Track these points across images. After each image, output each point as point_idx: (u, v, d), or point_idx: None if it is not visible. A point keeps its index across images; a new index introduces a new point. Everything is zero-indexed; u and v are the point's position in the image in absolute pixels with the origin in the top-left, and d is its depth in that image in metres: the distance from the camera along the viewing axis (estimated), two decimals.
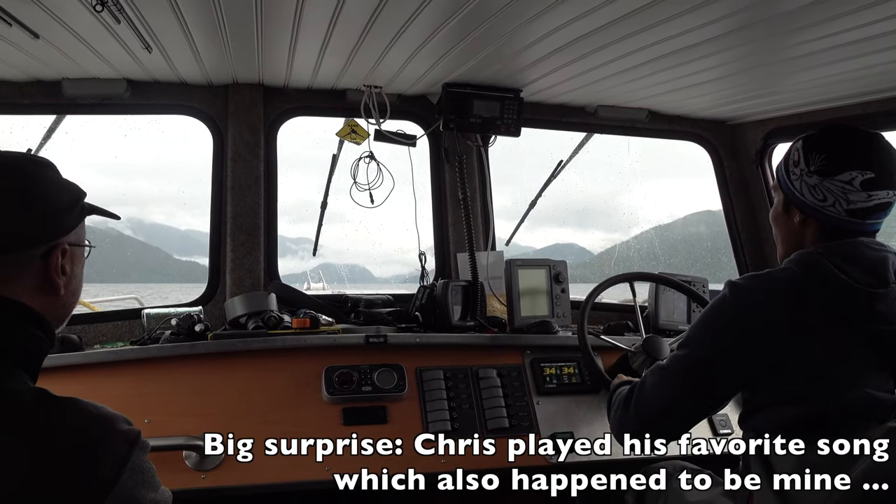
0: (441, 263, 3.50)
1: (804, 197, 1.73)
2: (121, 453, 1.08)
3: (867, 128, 1.73)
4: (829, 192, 1.67)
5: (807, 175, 1.71)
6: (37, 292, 1.21)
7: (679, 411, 1.84)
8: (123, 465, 1.07)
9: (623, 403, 1.97)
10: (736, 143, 3.60)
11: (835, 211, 1.68)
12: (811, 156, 1.70)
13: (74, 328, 2.92)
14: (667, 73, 2.75)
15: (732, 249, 3.70)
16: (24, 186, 1.21)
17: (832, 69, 2.55)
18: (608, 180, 20.16)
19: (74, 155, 16.07)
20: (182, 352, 2.47)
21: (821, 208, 1.70)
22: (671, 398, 1.82)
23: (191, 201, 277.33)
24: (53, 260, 1.23)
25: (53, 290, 1.24)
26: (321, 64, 2.80)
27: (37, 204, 1.21)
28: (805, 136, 1.76)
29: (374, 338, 2.61)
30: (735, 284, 1.74)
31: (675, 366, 1.81)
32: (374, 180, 3.18)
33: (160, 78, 2.98)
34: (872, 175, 1.62)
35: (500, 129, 3.19)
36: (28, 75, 2.82)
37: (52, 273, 1.23)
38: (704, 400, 1.81)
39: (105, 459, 1.06)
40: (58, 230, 1.25)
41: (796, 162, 1.75)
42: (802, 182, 1.72)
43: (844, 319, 1.63)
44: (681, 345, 1.83)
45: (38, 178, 1.23)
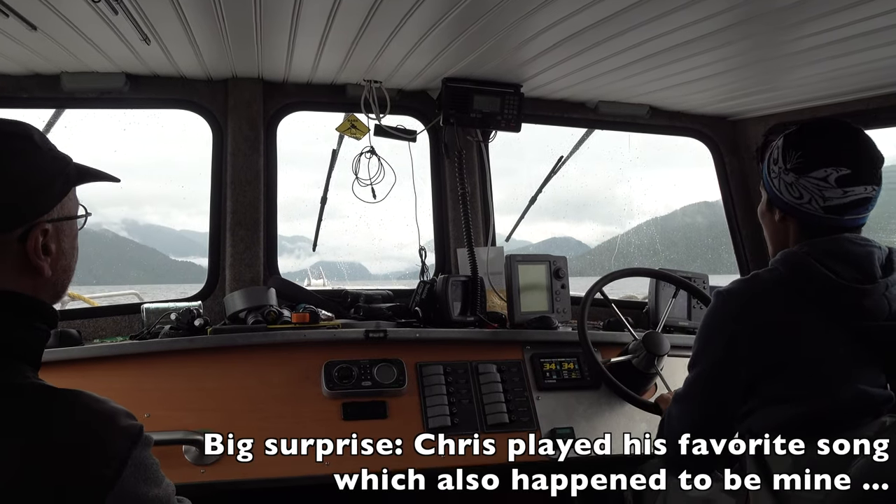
0: (441, 259, 3.49)
1: (782, 195, 1.73)
2: (123, 449, 1.06)
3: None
4: (804, 189, 1.67)
5: (784, 173, 1.71)
6: (21, 276, 1.16)
7: (707, 433, 1.79)
8: (125, 461, 1.05)
9: (658, 437, 1.95)
10: (737, 139, 3.59)
11: (811, 208, 1.68)
12: (788, 153, 1.71)
13: (74, 323, 2.91)
14: (667, 69, 2.74)
15: (733, 245, 3.69)
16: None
17: (833, 64, 2.54)
18: (607, 173, 20.11)
19: (73, 149, 16.12)
20: (181, 346, 2.46)
21: (798, 206, 1.70)
22: (695, 423, 1.79)
23: (187, 199, 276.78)
24: (31, 242, 1.15)
25: (37, 272, 1.17)
26: (321, 58, 2.79)
27: (4, 186, 1.13)
28: (786, 133, 1.75)
29: (374, 332, 2.60)
30: (721, 293, 1.74)
31: (689, 388, 1.81)
32: (375, 175, 3.17)
33: (159, 72, 2.98)
34: (848, 171, 1.62)
35: (501, 124, 3.18)
36: (26, 69, 2.81)
37: (32, 256, 1.16)
38: (724, 415, 1.76)
39: (107, 456, 1.04)
40: (33, 210, 1.16)
41: (775, 160, 1.75)
42: (780, 180, 1.73)
43: (833, 317, 1.63)
44: (689, 366, 1.82)
45: (2, 157, 1.14)
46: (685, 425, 1.81)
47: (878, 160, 1.67)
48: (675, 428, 1.84)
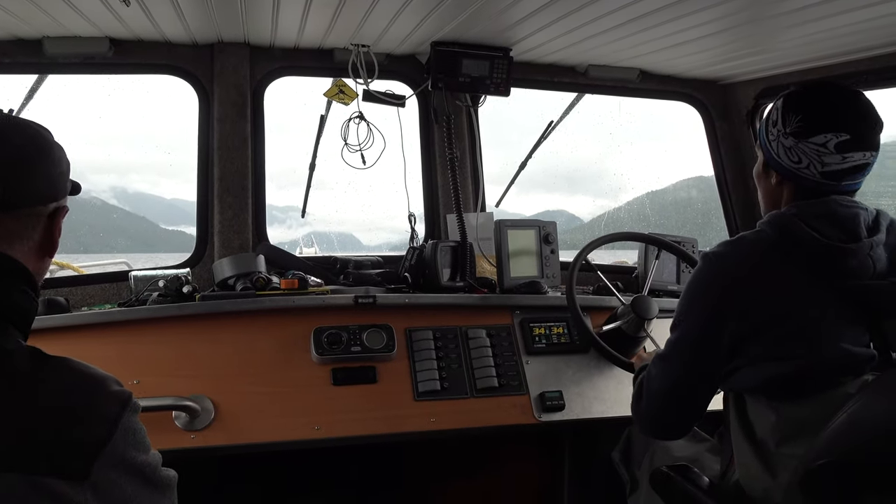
0: (430, 225, 3.48)
1: (780, 159, 1.72)
2: (112, 414, 1.07)
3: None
4: (803, 154, 1.66)
5: (783, 136, 1.70)
6: (36, 252, 1.23)
7: (686, 396, 1.80)
8: (115, 425, 1.07)
9: (636, 397, 1.95)
10: (727, 102, 3.57)
11: (809, 173, 1.67)
12: (788, 116, 1.69)
13: (61, 290, 2.90)
14: (657, 30, 2.72)
15: (723, 210, 3.69)
16: (41, 145, 1.23)
17: (824, 24, 2.52)
18: (598, 144, 20.01)
19: (58, 117, 15.78)
20: (170, 313, 2.46)
21: (796, 170, 1.69)
22: (675, 385, 1.79)
23: (174, 167, 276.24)
24: (58, 220, 1.26)
25: (51, 250, 1.26)
26: (307, 21, 2.75)
27: (53, 163, 1.24)
28: (785, 95, 1.74)
29: (363, 298, 2.60)
30: (708, 255, 1.74)
31: (671, 349, 1.80)
32: (364, 141, 3.15)
33: (143, 36, 2.93)
34: (848, 137, 1.61)
35: (490, 88, 3.15)
36: (8, 33, 2.76)
37: (55, 233, 1.26)
38: (705, 378, 1.76)
39: (96, 420, 1.05)
40: (63, 191, 1.28)
41: (774, 122, 1.73)
42: (779, 143, 1.71)
43: (818, 277, 1.64)
44: (671, 328, 1.82)
45: (50, 140, 1.26)
46: (664, 385, 1.81)
47: (878, 125, 1.66)
48: (654, 387, 1.84)
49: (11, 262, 1.16)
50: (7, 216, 1.17)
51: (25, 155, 1.19)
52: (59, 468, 0.99)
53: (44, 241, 1.24)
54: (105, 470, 1.04)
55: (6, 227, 1.17)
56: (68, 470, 1.00)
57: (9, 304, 1.13)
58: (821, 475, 1.37)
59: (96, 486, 1.02)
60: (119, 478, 1.06)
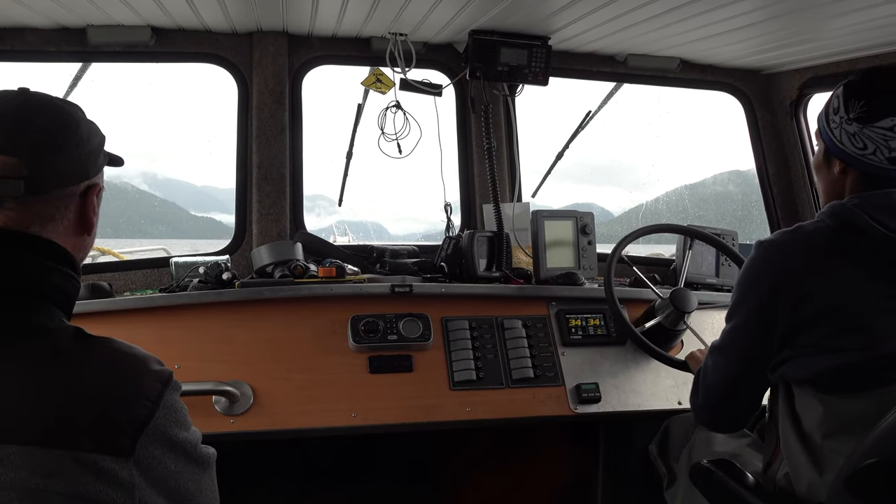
0: (466, 215, 3.48)
1: (844, 146, 1.67)
2: (154, 392, 1.09)
3: None
4: (869, 139, 1.62)
5: (846, 123, 1.65)
6: (72, 232, 1.22)
7: (743, 385, 1.78)
8: (157, 403, 1.08)
9: (693, 391, 1.94)
10: (770, 93, 3.50)
11: (875, 159, 1.62)
12: (850, 103, 1.64)
13: (104, 276, 2.96)
14: (699, 19, 2.67)
15: (764, 203, 3.63)
16: (67, 123, 1.21)
17: (870, 14, 2.46)
18: (635, 135, 19.71)
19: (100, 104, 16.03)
20: (210, 299, 2.49)
21: (861, 157, 1.64)
22: (732, 376, 1.78)
23: (212, 154, 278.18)
24: (91, 198, 1.25)
25: (87, 229, 1.25)
26: (345, 11, 2.75)
27: (80, 142, 1.22)
28: (846, 82, 1.69)
29: (400, 287, 2.61)
30: (763, 243, 1.71)
31: (726, 339, 1.79)
32: (401, 130, 3.15)
33: (185, 25, 2.96)
34: None
35: (528, 77, 3.13)
36: (53, 21, 2.80)
37: (90, 211, 1.25)
38: (761, 367, 1.74)
39: (139, 397, 1.07)
40: (94, 169, 1.26)
41: (836, 109, 1.69)
42: (842, 130, 1.67)
43: (876, 270, 1.59)
44: (726, 318, 1.80)
45: (77, 117, 1.24)
46: (721, 376, 1.80)
47: None
48: (710, 379, 1.83)
49: (47, 243, 1.16)
50: (36, 199, 1.15)
51: (50, 136, 1.17)
52: (103, 445, 1.01)
53: (78, 220, 1.23)
54: (148, 447, 1.05)
55: (35, 211, 1.16)
56: (113, 446, 1.02)
57: (49, 284, 1.14)
58: (869, 474, 1.34)
59: (140, 462, 1.04)
60: (162, 454, 1.08)
